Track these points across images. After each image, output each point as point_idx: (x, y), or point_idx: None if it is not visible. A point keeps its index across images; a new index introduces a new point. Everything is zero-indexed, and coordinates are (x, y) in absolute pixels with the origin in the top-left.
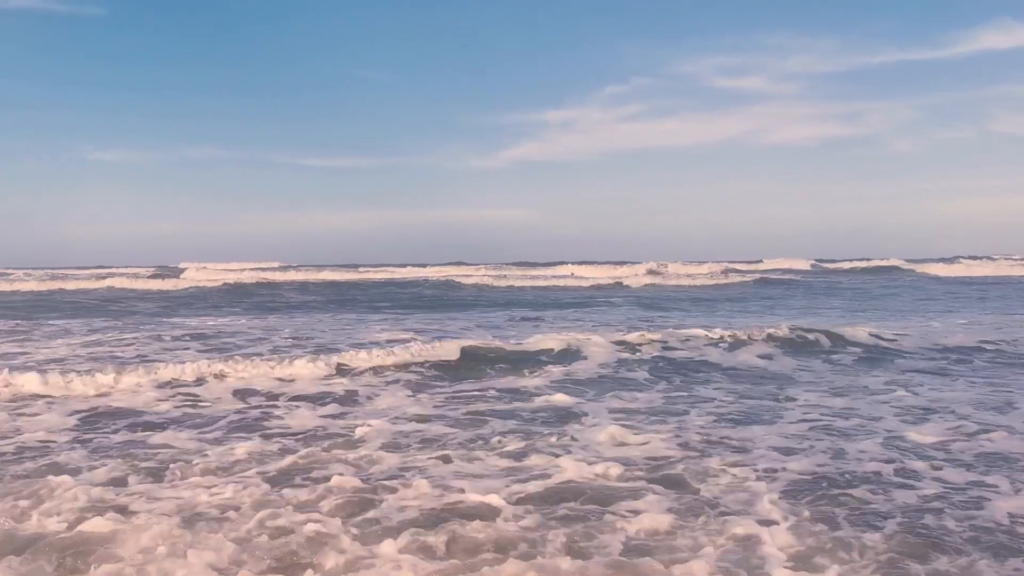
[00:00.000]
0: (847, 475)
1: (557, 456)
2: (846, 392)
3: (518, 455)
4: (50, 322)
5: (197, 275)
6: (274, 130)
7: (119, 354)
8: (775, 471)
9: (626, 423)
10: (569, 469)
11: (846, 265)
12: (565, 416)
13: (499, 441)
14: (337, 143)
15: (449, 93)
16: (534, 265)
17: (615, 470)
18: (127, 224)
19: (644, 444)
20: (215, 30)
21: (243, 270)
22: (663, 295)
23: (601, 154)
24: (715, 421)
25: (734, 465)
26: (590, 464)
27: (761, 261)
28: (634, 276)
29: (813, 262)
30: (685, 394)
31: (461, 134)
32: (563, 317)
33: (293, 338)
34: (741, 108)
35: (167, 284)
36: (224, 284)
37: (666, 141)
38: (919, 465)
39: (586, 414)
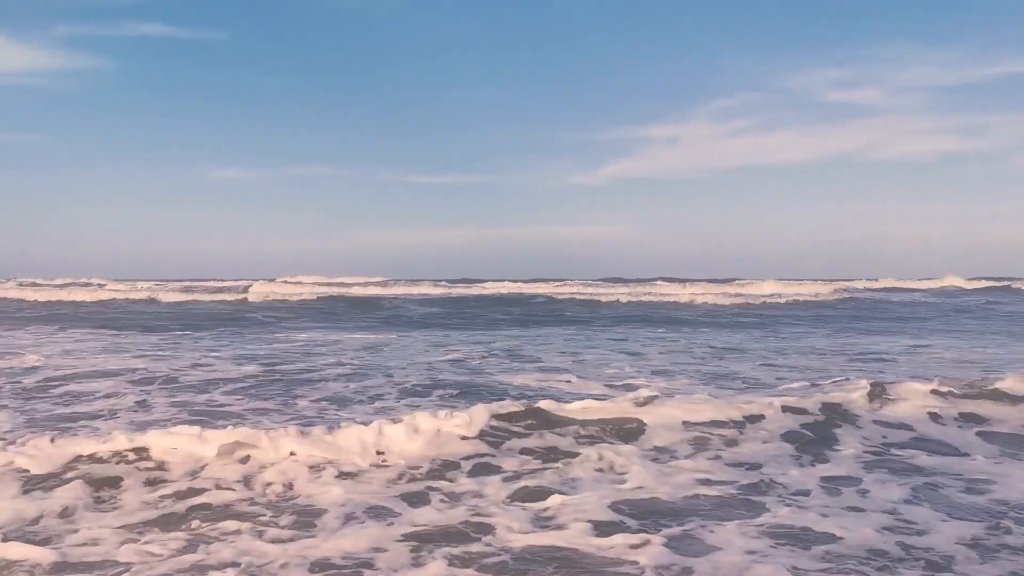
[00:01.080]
0: None
1: None
2: None
3: None
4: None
5: (316, 288)
6: (382, 149)
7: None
8: None
9: None
10: None
11: (974, 285)
12: None
13: None
14: (441, 160)
15: (550, 109)
16: (641, 281)
17: None
18: (242, 238)
19: None
20: (327, 54)
21: (342, 284)
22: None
23: (706, 170)
24: None
25: None
26: None
27: (877, 280)
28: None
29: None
30: None
31: (561, 150)
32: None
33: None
34: (855, 122)
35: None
36: (330, 296)
37: (775, 157)
38: None
39: None
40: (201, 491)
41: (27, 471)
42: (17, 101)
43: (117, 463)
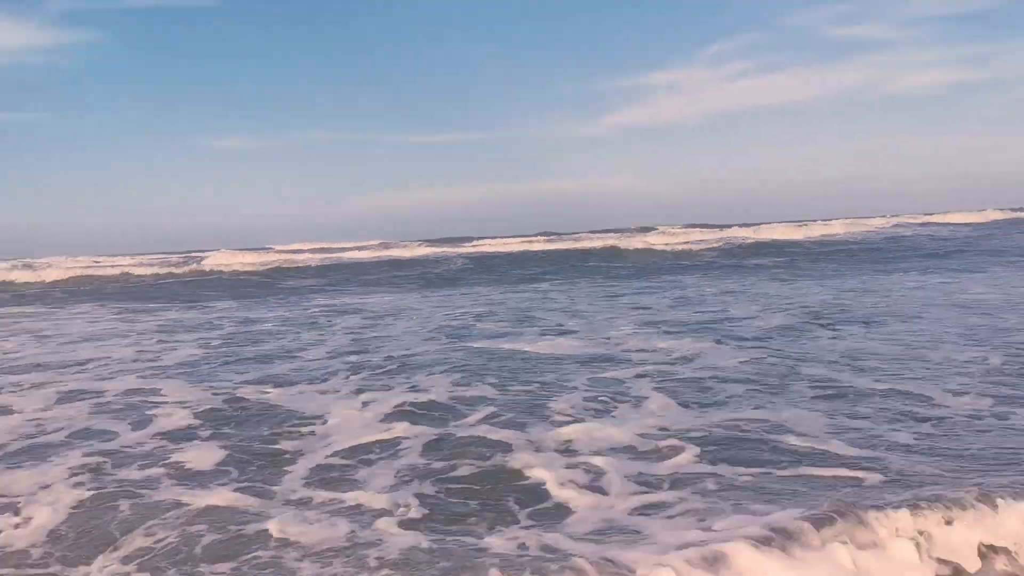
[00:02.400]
0: None
1: None
2: None
3: None
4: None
5: (358, 254)
6: (381, 111)
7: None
8: None
9: None
10: None
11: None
12: None
13: None
14: (442, 119)
15: (550, 62)
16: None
17: None
18: (246, 207)
19: None
20: (318, 16)
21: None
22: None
23: (708, 115)
24: None
25: None
26: None
27: (897, 216)
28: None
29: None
30: None
31: (563, 103)
32: None
33: None
34: (858, 58)
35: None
36: (375, 259)
37: (777, 98)
38: None
39: None
40: None
41: None
42: (15, 80)
43: None
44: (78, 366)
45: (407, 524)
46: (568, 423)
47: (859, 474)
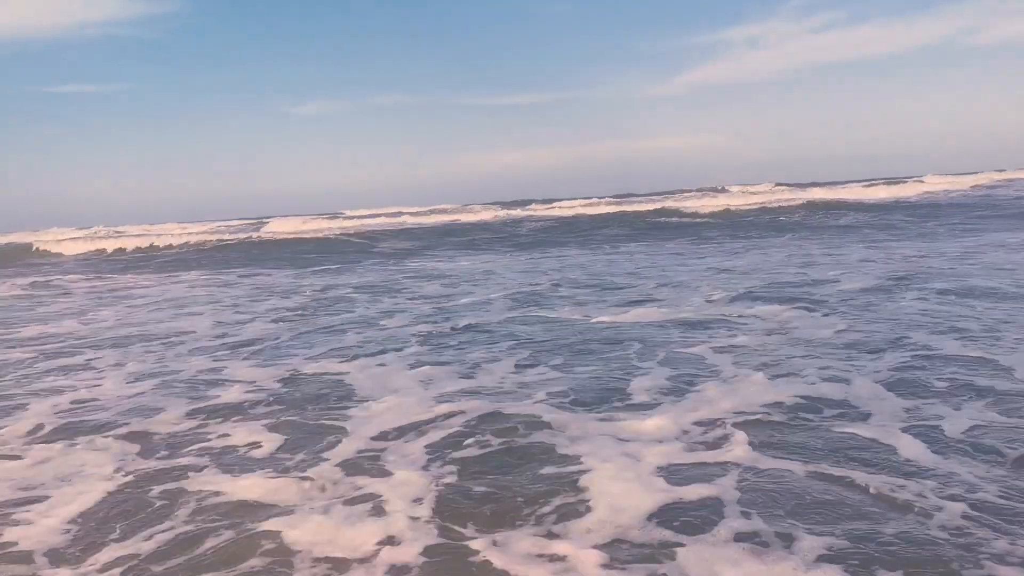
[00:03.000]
0: None
1: None
2: None
3: None
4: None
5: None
6: (456, 73)
7: None
8: None
9: None
10: None
11: None
12: None
13: None
14: (516, 80)
15: (625, 19)
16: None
17: None
18: (320, 172)
19: None
20: None
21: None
22: None
23: (790, 71)
24: None
25: None
26: None
27: (1004, 171)
28: None
29: None
30: None
31: (638, 61)
32: None
33: None
34: (948, 6)
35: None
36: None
37: (864, 51)
38: None
39: None
40: None
41: None
42: (102, 52)
43: None
44: (160, 338)
45: (437, 528)
46: (645, 408)
47: None
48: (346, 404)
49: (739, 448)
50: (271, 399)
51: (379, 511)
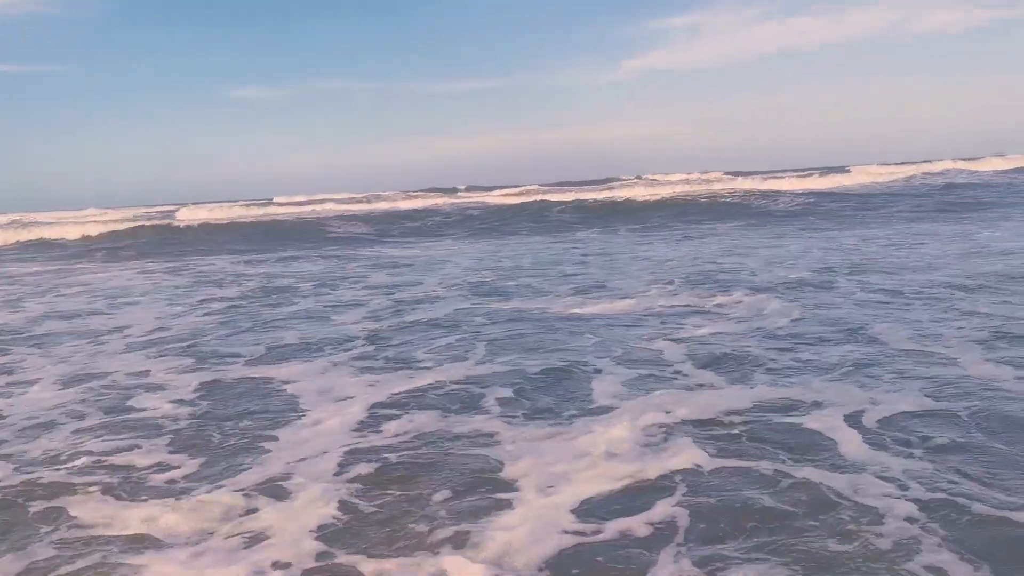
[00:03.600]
0: None
1: None
2: None
3: None
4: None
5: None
6: (397, 58)
7: None
8: None
9: None
10: None
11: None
12: None
13: None
14: (459, 66)
15: (571, 5)
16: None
17: None
18: (261, 157)
19: None
20: None
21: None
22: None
23: (730, 59)
24: None
25: None
26: None
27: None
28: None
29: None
30: None
31: (583, 48)
32: None
33: None
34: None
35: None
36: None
37: (800, 41)
38: None
39: None
40: None
41: None
42: (27, 31)
43: None
44: (88, 335)
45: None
46: (595, 414)
47: None
48: (274, 416)
49: (685, 457)
50: (192, 411)
51: (262, 545)
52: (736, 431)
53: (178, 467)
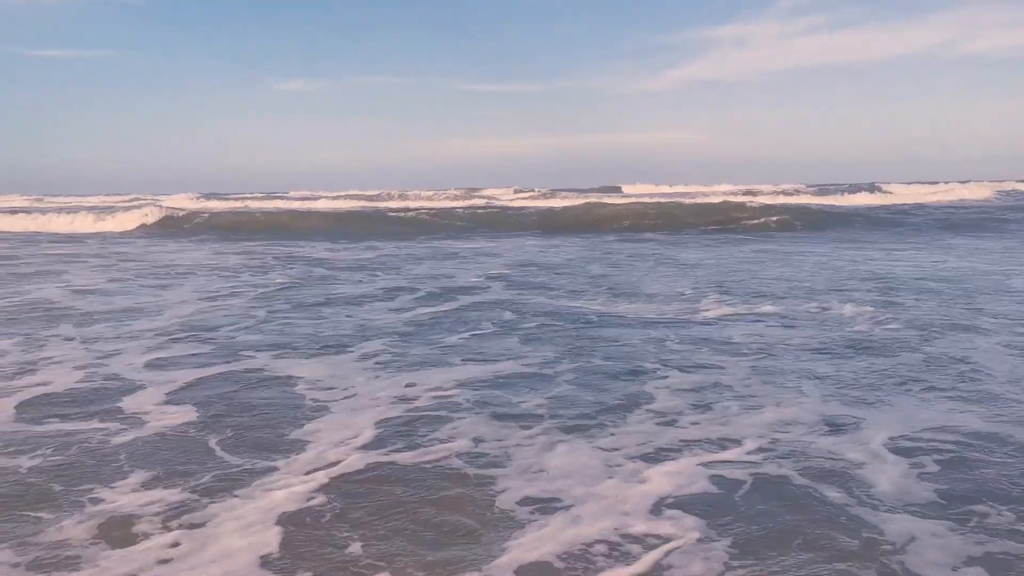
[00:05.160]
0: None
1: None
2: None
3: None
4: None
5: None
6: (444, 57)
7: None
8: None
9: None
10: None
11: None
12: None
13: None
14: (504, 68)
15: (616, 12)
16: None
17: None
18: (306, 151)
19: None
20: None
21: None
22: None
23: (776, 72)
24: None
25: None
26: None
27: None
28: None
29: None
30: None
31: (625, 55)
32: None
33: None
34: (936, 16)
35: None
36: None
37: (850, 56)
38: None
39: None
40: None
41: None
42: (85, 16)
43: None
44: (110, 314)
45: None
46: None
47: None
48: (287, 416)
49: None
50: (197, 411)
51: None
52: None
53: (159, 474)
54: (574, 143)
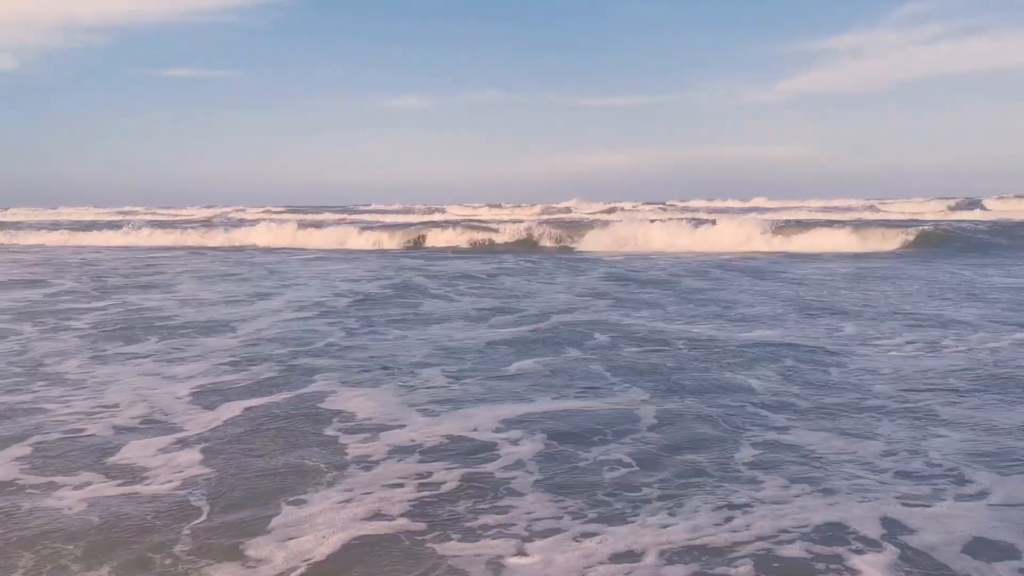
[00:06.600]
0: None
1: None
2: None
3: None
4: None
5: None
6: (552, 72)
7: None
8: None
9: None
10: None
11: None
12: None
13: None
14: (612, 82)
15: (724, 23)
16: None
17: None
18: (414, 165)
19: None
20: None
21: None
22: None
23: (895, 82)
24: None
25: None
26: None
27: None
28: None
29: None
30: None
31: (737, 66)
32: None
33: None
34: None
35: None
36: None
37: (973, 64)
38: None
39: None
40: None
41: None
42: (209, 39)
43: None
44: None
45: None
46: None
47: None
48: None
49: None
50: (238, 441)
51: None
52: None
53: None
54: (680, 155)
